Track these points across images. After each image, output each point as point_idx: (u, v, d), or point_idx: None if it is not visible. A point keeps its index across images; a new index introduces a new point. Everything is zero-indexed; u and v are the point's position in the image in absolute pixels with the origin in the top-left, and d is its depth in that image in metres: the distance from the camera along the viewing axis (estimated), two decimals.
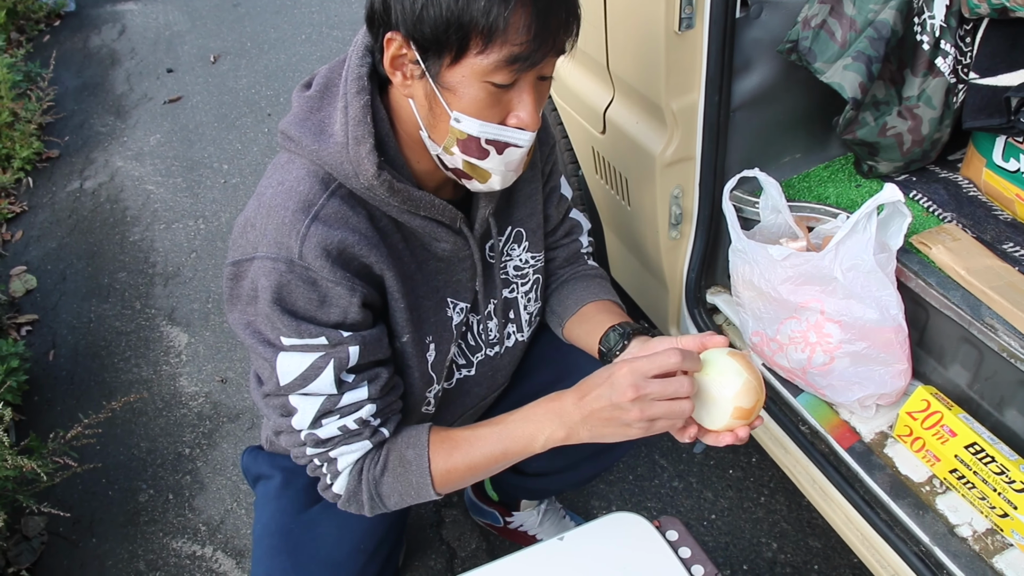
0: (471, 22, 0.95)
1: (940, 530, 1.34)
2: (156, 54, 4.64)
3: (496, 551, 2.00)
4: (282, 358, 1.10)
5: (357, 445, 1.16)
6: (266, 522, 1.40)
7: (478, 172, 1.11)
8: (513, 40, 0.96)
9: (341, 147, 1.08)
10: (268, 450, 1.51)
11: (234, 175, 3.53)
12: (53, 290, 3.04)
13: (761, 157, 1.68)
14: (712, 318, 1.82)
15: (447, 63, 0.99)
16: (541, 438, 1.10)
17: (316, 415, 1.13)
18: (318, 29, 4.65)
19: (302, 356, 1.10)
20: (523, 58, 0.98)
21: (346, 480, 1.18)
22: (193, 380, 2.59)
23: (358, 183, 1.09)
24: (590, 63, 1.82)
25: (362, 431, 1.16)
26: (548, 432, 1.09)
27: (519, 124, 1.06)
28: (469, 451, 1.15)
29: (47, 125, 4.03)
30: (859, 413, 1.52)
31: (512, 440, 1.12)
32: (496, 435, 1.13)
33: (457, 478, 1.17)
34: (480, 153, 1.08)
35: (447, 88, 1.02)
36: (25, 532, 2.15)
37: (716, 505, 2.04)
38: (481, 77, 0.99)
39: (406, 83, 1.05)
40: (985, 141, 1.50)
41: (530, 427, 1.11)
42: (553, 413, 1.09)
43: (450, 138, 1.07)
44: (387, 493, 1.18)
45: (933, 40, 1.47)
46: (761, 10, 1.49)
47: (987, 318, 1.30)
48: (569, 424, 1.08)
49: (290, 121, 1.14)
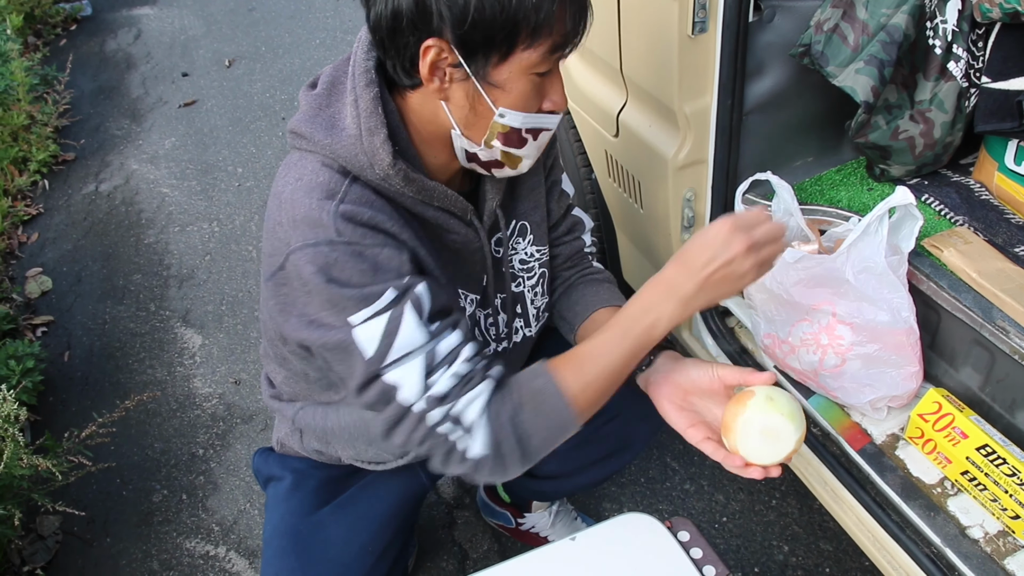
0: (523, 19, 0.98)
1: (952, 532, 1.34)
2: (171, 58, 4.68)
3: (508, 552, 2.01)
4: (358, 333, 1.04)
5: (479, 388, 1.07)
6: (276, 523, 1.41)
7: (511, 159, 1.15)
8: (557, 31, 1.01)
9: (355, 139, 1.08)
10: (279, 452, 1.52)
11: (248, 178, 3.56)
12: (68, 292, 3.07)
13: (773, 160, 1.68)
14: (724, 321, 1.82)
15: (495, 61, 1.02)
16: (662, 324, 1.07)
17: (422, 375, 1.05)
18: (332, 34, 4.68)
19: (378, 320, 1.03)
20: (563, 46, 1.04)
21: (484, 432, 1.06)
22: (207, 381, 2.60)
23: (373, 174, 1.08)
24: (603, 67, 1.83)
25: (474, 373, 1.08)
26: (667, 314, 1.07)
27: (552, 108, 1.10)
28: (598, 362, 1.09)
29: (63, 128, 4.07)
30: (871, 415, 1.52)
31: (635, 337, 1.08)
32: (618, 338, 1.09)
33: (593, 394, 1.10)
34: (520, 143, 1.12)
35: (493, 85, 1.05)
36: (40, 531, 2.17)
37: (727, 508, 2.04)
38: (528, 70, 1.04)
39: (443, 87, 1.05)
40: (997, 145, 1.51)
41: (648, 317, 1.08)
42: (664, 293, 1.07)
43: (490, 133, 1.10)
44: (530, 431, 1.08)
45: (945, 44, 1.47)
46: (774, 14, 1.50)
47: (999, 320, 1.31)
48: (684, 298, 1.06)
49: (299, 119, 1.14)
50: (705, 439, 1.13)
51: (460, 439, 1.06)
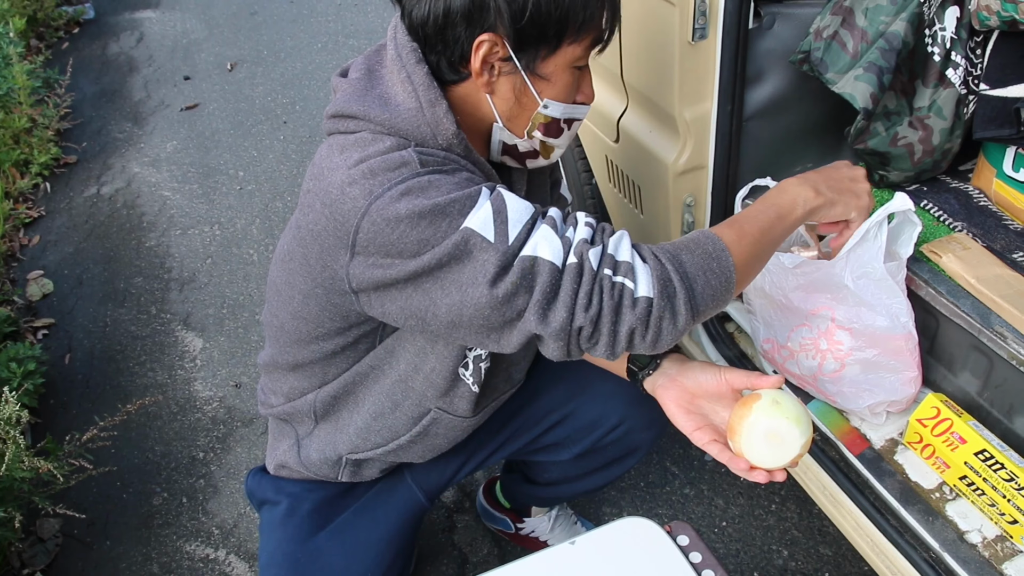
0: (572, 16, 1.05)
1: (950, 536, 1.34)
2: (173, 62, 4.69)
3: (508, 557, 2.01)
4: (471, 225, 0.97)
5: (619, 233, 1.04)
6: (271, 551, 1.38)
7: (547, 149, 1.21)
8: (597, 27, 1.09)
9: (415, 111, 1.07)
10: (274, 474, 1.49)
11: (250, 182, 3.56)
12: (70, 294, 3.08)
13: (773, 166, 1.69)
14: (724, 325, 1.83)
15: (543, 55, 1.08)
16: (800, 200, 1.18)
17: (557, 235, 1.00)
18: (334, 38, 4.69)
19: (482, 210, 0.99)
20: (602, 40, 1.13)
21: (645, 269, 1.00)
22: (208, 385, 2.61)
23: (435, 143, 1.08)
24: (604, 72, 1.83)
25: (604, 226, 1.05)
26: (804, 195, 1.19)
27: (585, 99, 1.19)
28: (748, 218, 1.12)
29: (65, 131, 4.07)
30: (869, 420, 1.52)
31: (779, 207, 1.17)
32: (763, 208, 1.16)
33: (748, 247, 1.08)
34: (557, 132, 1.18)
35: (541, 77, 1.10)
36: (40, 534, 2.17)
37: (727, 512, 2.04)
38: (572, 63, 1.11)
39: (491, 80, 1.10)
40: (995, 151, 1.51)
41: (787, 196, 1.18)
42: (800, 180, 1.20)
43: (532, 124, 1.15)
44: (692, 272, 1.02)
45: (944, 51, 1.48)
46: (774, 21, 1.51)
47: (997, 326, 1.31)
48: (816, 186, 1.20)
49: (346, 100, 1.10)
50: (711, 441, 1.13)
51: (625, 279, 0.98)
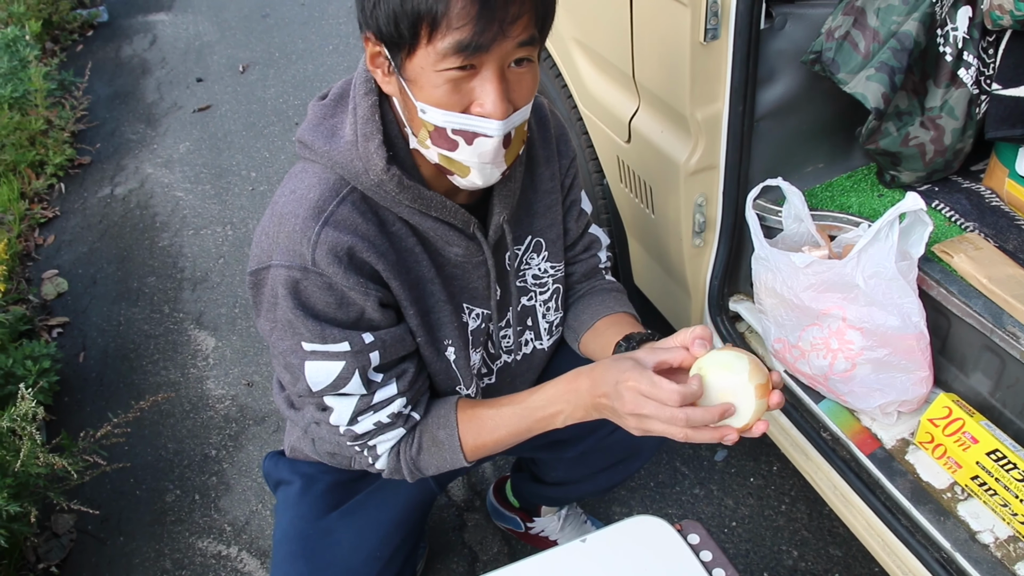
0: (415, 12, 0.95)
1: (962, 536, 1.34)
2: (186, 64, 4.71)
3: (518, 555, 2.02)
4: (309, 366, 1.16)
5: (392, 434, 1.25)
6: (285, 527, 1.43)
7: (455, 166, 1.09)
8: (456, 25, 0.95)
9: (351, 145, 1.11)
10: (289, 456, 1.53)
11: (262, 183, 3.58)
12: (84, 293, 3.10)
13: (784, 166, 1.69)
14: (735, 325, 1.83)
15: (405, 55, 1.01)
16: (561, 417, 1.18)
17: (352, 415, 1.21)
18: (345, 40, 4.70)
19: (328, 364, 1.16)
20: (468, 44, 0.96)
21: (386, 460, 1.27)
22: (220, 383, 2.62)
23: (368, 180, 1.11)
24: (616, 73, 1.84)
25: (395, 422, 1.24)
26: (567, 412, 1.17)
27: (483, 113, 1.02)
28: (495, 431, 1.23)
29: (80, 132, 4.10)
30: (881, 420, 1.52)
31: (535, 420, 1.20)
32: (518, 416, 1.21)
33: (485, 452, 1.27)
34: (449, 144, 1.06)
35: (411, 80, 1.03)
36: (55, 529, 2.19)
37: (737, 513, 2.04)
38: (434, 66, 0.99)
39: (385, 80, 1.08)
40: (1008, 151, 1.51)
41: (551, 408, 1.18)
42: (570, 395, 1.16)
43: (423, 131, 1.07)
44: (425, 466, 1.28)
45: (956, 51, 1.48)
46: (785, 21, 1.51)
47: (1009, 326, 1.31)
48: (584, 408, 1.15)
49: (304, 129, 1.18)
50: None
51: (369, 458, 1.27)
